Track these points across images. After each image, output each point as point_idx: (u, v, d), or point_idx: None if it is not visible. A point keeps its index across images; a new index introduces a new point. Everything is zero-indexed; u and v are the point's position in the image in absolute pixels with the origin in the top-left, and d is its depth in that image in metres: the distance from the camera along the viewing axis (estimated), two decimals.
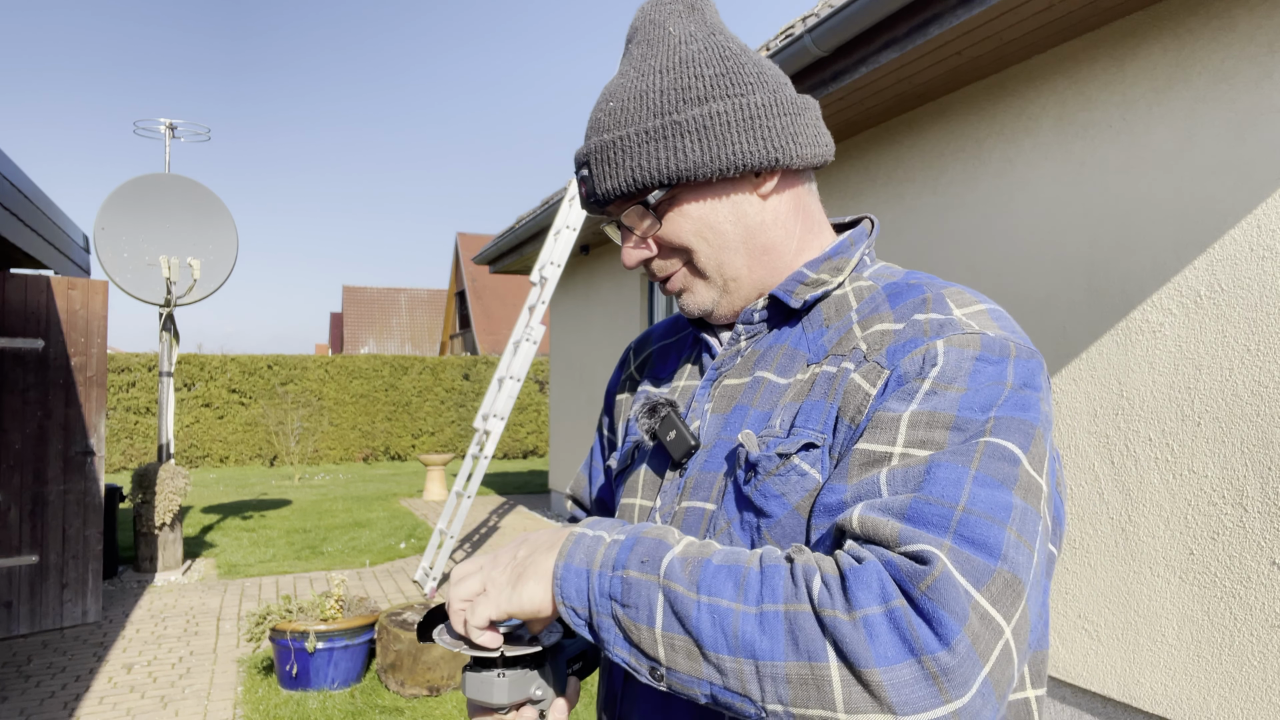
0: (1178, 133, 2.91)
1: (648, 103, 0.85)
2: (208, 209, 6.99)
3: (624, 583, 0.69)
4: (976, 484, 0.66)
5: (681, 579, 0.67)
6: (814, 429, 0.78)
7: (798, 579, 0.64)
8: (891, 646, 0.59)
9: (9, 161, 4.59)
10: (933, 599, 0.60)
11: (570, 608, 0.71)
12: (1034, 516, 0.67)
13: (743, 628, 0.63)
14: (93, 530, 5.33)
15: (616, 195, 0.86)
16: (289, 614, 4.08)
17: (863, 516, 0.67)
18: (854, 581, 0.62)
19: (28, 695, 4.04)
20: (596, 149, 0.87)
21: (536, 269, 6.30)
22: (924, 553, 0.62)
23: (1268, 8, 2.65)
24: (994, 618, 0.61)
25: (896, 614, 0.60)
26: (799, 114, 0.88)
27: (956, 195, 3.85)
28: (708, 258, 0.87)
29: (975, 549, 0.63)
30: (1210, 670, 2.78)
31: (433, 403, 16.57)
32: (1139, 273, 3.03)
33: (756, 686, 0.63)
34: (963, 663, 0.59)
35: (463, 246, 28.10)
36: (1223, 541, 2.75)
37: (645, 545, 0.71)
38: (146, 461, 11.61)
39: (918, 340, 0.76)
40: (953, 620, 0.59)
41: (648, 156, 0.84)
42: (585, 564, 0.72)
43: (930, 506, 0.65)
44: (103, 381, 5.42)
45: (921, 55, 3.42)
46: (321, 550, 7.40)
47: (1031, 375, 0.75)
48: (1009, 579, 0.62)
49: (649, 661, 0.68)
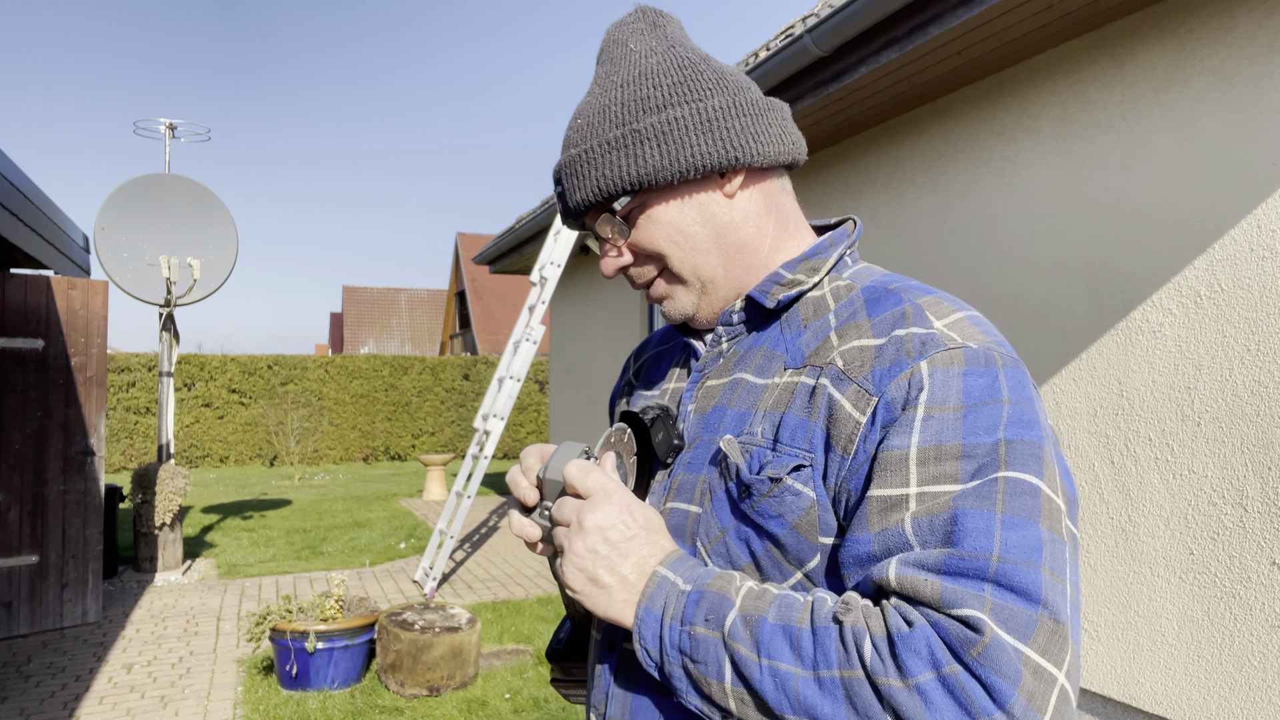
0: (1178, 133, 2.91)
1: (609, 115, 0.88)
2: (208, 209, 6.99)
3: (692, 639, 0.73)
4: (1005, 528, 0.67)
5: (744, 640, 0.70)
6: (800, 448, 0.79)
7: (848, 644, 0.67)
8: (949, 712, 0.62)
9: (9, 161, 4.59)
10: (985, 665, 0.62)
11: (645, 649, 0.75)
12: (1060, 544, 0.69)
13: (804, 691, 0.67)
14: (93, 530, 5.33)
15: (587, 206, 0.89)
16: (289, 614, 4.08)
17: (900, 576, 0.68)
18: (903, 648, 0.64)
19: (28, 695, 4.04)
20: (566, 164, 0.90)
21: (536, 269, 6.30)
22: (971, 619, 0.64)
23: (1268, 8, 2.65)
24: (1046, 670, 0.63)
25: (950, 680, 0.62)
26: (761, 115, 0.89)
27: (957, 195, 3.85)
28: (681, 261, 0.89)
29: (1016, 598, 0.65)
30: (1210, 670, 2.78)
31: (433, 403, 16.57)
32: (1139, 273, 3.03)
33: None
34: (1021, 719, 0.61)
35: (463, 246, 28.10)
36: (1223, 541, 2.75)
37: (710, 600, 0.74)
38: (146, 461, 11.60)
39: (902, 363, 0.76)
40: (1006, 685, 0.62)
41: (610, 165, 0.86)
42: (660, 610, 0.75)
43: (964, 562, 0.66)
44: (103, 381, 5.42)
45: (921, 55, 3.42)
46: (321, 550, 7.40)
47: (1021, 385, 0.76)
48: (1052, 627, 0.65)
49: (720, 711, 0.72)
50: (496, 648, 4.70)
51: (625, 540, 0.78)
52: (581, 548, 0.77)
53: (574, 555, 0.78)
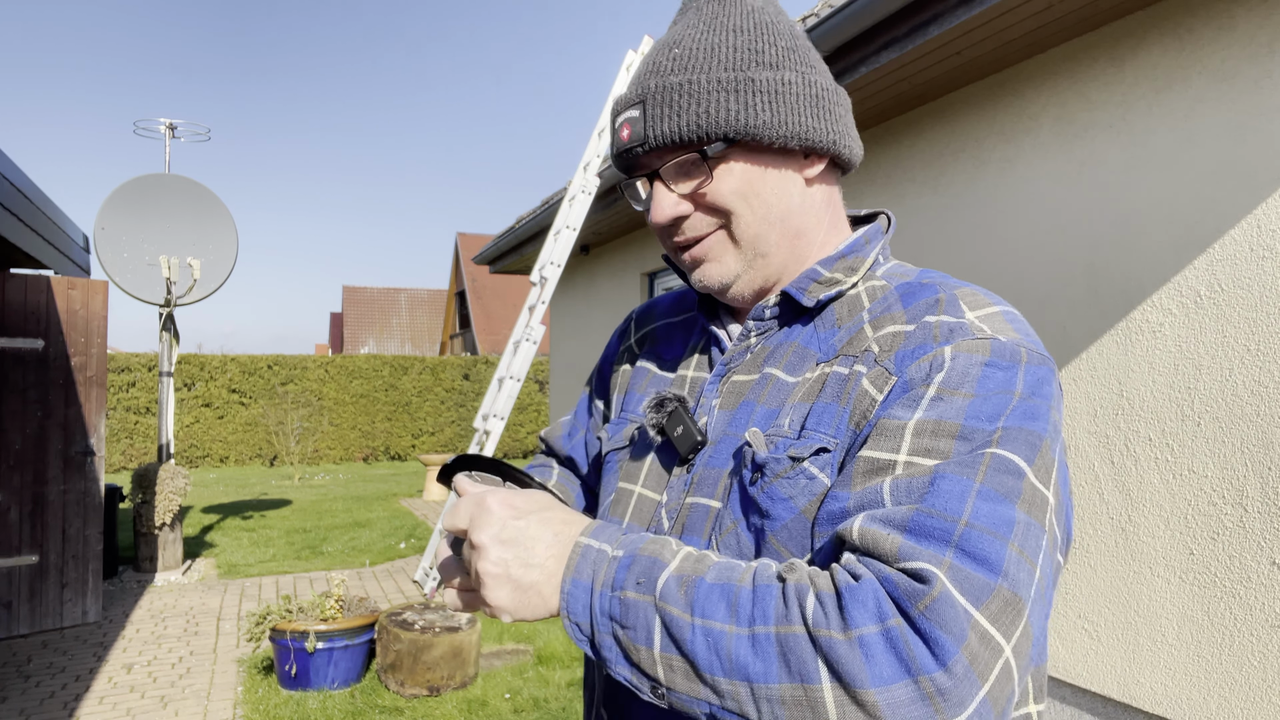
0: (1178, 133, 2.91)
1: (721, 55, 0.83)
2: (208, 209, 6.99)
3: (622, 604, 0.68)
4: (980, 498, 0.65)
5: (677, 600, 0.66)
6: (826, 433, 0.77)
7: (789, 600, 0.64)
8: (888, 666, 0.59)
9: (9, 161, 4.59)
10: (930, 619, 0.59)
11: (575, 623, 0.70)
12: (1037, 530, 0.66)
13: (736, 650, 0.63)
14: (93, 530, 5.33)
15: (672, 140, 0.82)
16: (289, 614, 4.08)
17: (863, 529, 0.66)
18: (850, 600, 0.61)
19: (28, 695, 4.04)
20: (657, 89, 0.83)
21: (536, 269, 6.30)
22: (923, 571, 0.61)
23: (1267, 8, 2.65)
24: (993, 637, 0.60)
25: (893, 633, 0.59)
26: (849, 110, 0.89)
27: (956, 195, 3.85)
28: (747, 225, 0.84)
29: (976, 565, 0.62)
30: (1210, 670, 2.78)
31: (433, 403, 16.57)
32: (1139, 273, 3.04)
33: (753, 708, 0.63)
34: (960, 683, 0.58)
35: (463, 246, 28.09)
36: (1223, 541, 2.75)
37: (641, 564, 0.69)
38: (146, 461, 11.60)
39: (926, 345, 0.75)
40: (950, 641, 0.59)
41: (717, 105, 0.81)
42: (589, 580, 0.70)
43: (932, 520, 0.64)
44: (103, 381, 5.42)
45: (921, 55, 3.42)
46: (321, 550, 7.40)
47: (1041, 383, 0.74)
48: (1009, 597, 0.62)
49: (649, 681, 0.67)
50: (496, 648, 4.70)
51: (522, 531, 0.73)
52: (489, 564, 0.72)
53: (486, 576, 0.72)
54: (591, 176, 6.37)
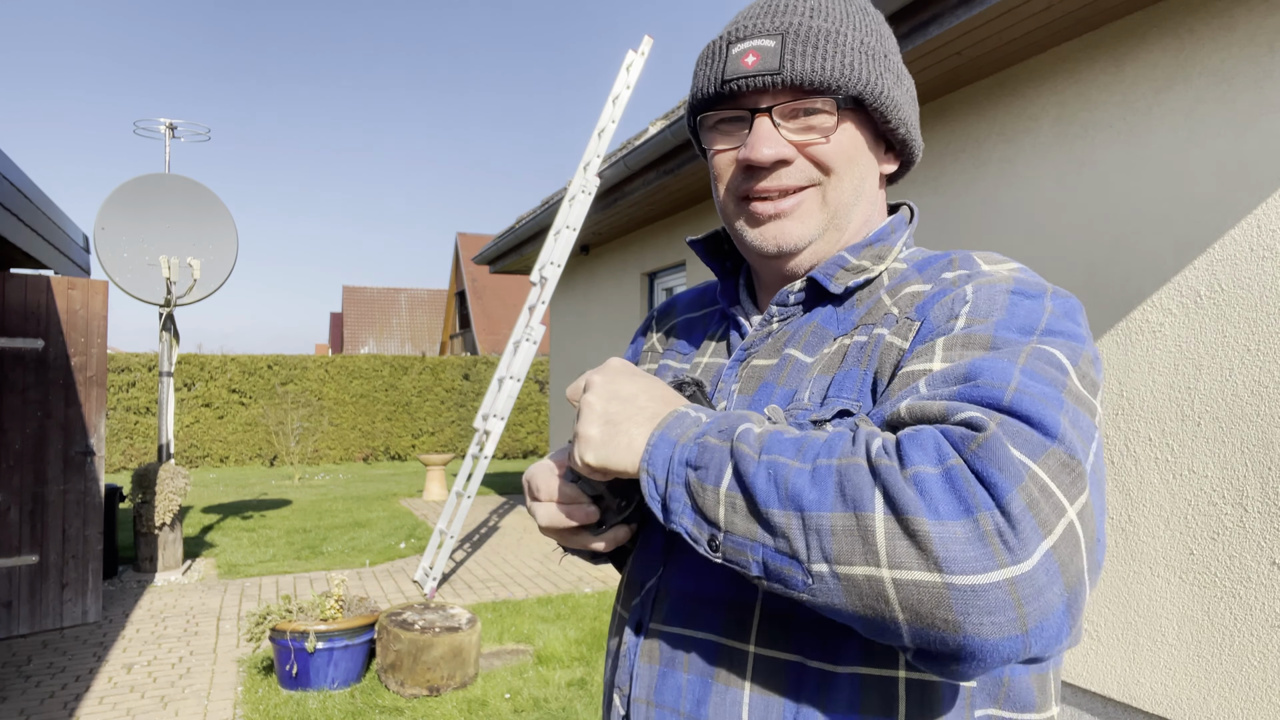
0: (1178, 133, 2.91)
1: (857, 22, 0.84)
2: (208, 209, 6.99)
3: (701, 447, 0.69)
4: (1025, 375, 0.63)
5: (751, 443, 0.67)
6: (849, 397, 0.77)
7: (858, 440, 0.64)
8: (944, 502, 0.57)
9: (9, 161, 4.59)
10: (984, 458, 0.57)
11: (651, 476, 0.71)
12: (1088, 424, 0.63)
13: (794, 480, 0.63)
14: (93, 530, 5.33)
15: (812, 81, 0.79)
16: (289, 614, 4.08)
17: (910, 405, 0.66)
18: (909, 444, 0.61)
19: (28, 695, 4.04)
20: (802, 28, 0.80)
21: (536, 269, 6.30)
22: (975, 419, 0.60)
23: (1267, 8, 2.65)
24: (1054, 491, 0.57)
25: (953, 472, 0.58)
26: None
27: (956, 195, 3.85)
28: (843, 190, 0.84)
29: (1028, 426, 0.59)
30: (1210, 670, 2.78)
31: (433, 403, 16.57)
32: (1139, 273, 3.04)
33: (803, 542, 0.61)
34: (1019, 526, 0.55)
35: (463, 246, 28.09)
36: (1223, 541, 2.75)
37: (729, 419, 0.71)
38: (146, 461, 11.60)
39: (946, 290, 0.76)
40: (1006, 479, 0.56)
41: (861, 62, 0.81)
42: (676, 436, 0.72)
43: (978, 389, 0.63)
44: (103, 381, 5.42)
45: (921, 55, 3.42)
46: (321, 550, 7.40)
47: (1073, 310, 0.73)
48: (1065, 459, 0.58)
49: (709, 528, 0.67)
50: (496, 648, 4.70)
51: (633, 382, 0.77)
52: (592, 396, 0.75)
53: (586, 407, 0.75)
54: (591, 176, 6.37)
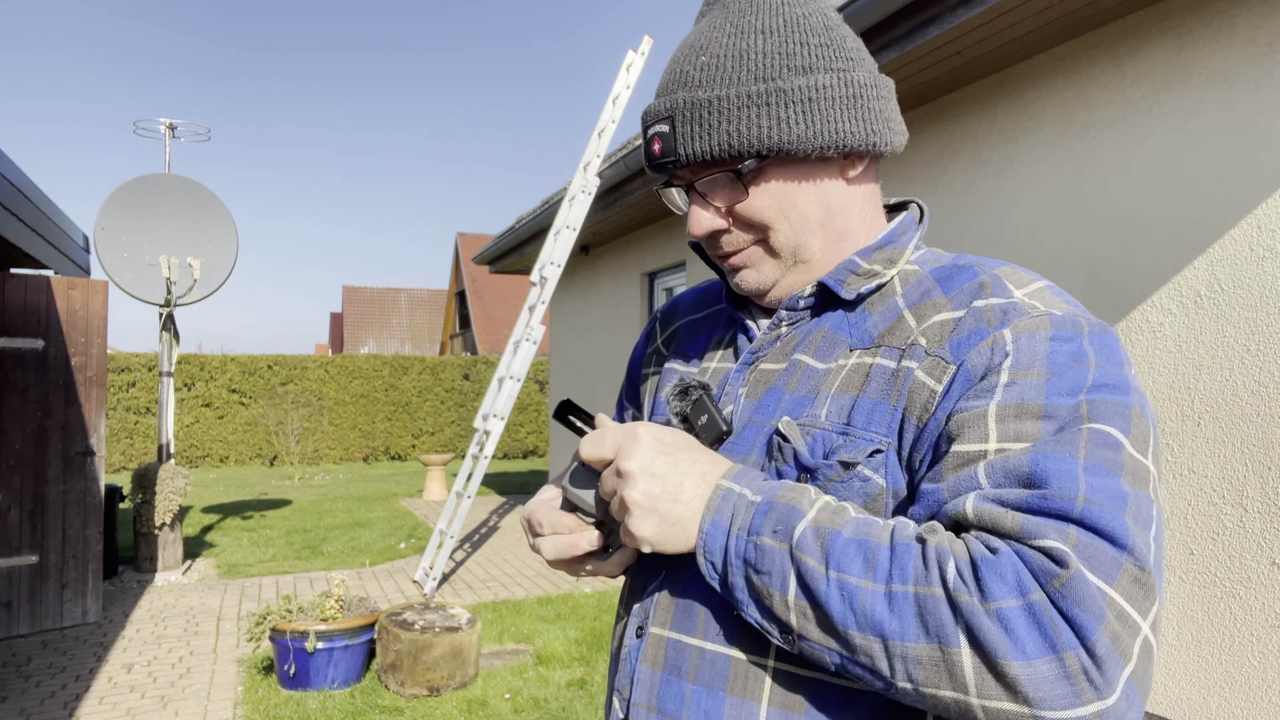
0: (1178, 133, 2.91)
1: (750, 64, 0.78)
2: (208, 209, 6.99)
3: (758, 549, 0.68)
4: (1088, 473, 0.63)
5: (812, 551, 0.66)
6: (877, 432, 0.75)
7: (930, 562, 0.63)
8: (1030, 641, 0.58)
9: (9, 161, 4.59)
10: (1069, 597, 0.58)
11: (710, 562, 0.71)
12: (1146, 502, 0.64)
13: (871, 606, 0.63)
14: (93, 530, 5.33)
15: (704, 159, 0.79)
16: (289, 614, 4.08)
17: (978, 509, 0.64)
18: (988, 572, 0.60)
19: (28, 695, 4.04)
20: (687, 105, 0.79)
21: (536, 269, 6.30)
22: (1055, 550, 0.60)
23: (1267, 8, 2.65)
24: (1130, 615, 0.59)
25: (1036, 609, 0.58)
26: (890, 97, 0.84)
27: (957, 195, 3.85)
28: (786, 238, 0.83)
29: (1100, 539, 0.60)
30: (1210, 670, 2.78)
31: (433, 403, 16.57)
32: (1139, 273, 3.04)
33: (886, 664, 0.62)
34: (1105, 661, 0.57)
35: (463, 246, 28.10)
36: (1223, 541, 2.75)
37: (779, 511, 0.69)
38: (146, 461, 11.60)
39: (982, 332, 0.72)
40: (1090, 619, 0.57)
41: (748, 122, 0.77)
42: (728, 522, 0.71)
43: (1048, 501, 0.62)
44: (103, 381, 5.42)
45: (921, 55, 3.42)
46: (321, 550, 7.40)
47: (1110, 349, 0.71)
48: (1136, 573, 0.60)
49: (780, 625, 0.68)
50: (496, 648, 4.70)
51: (672, 466, 0.74)
52: (637, 494, 0.73)
53: (633, 505, 0.73)
54: (591, 176, 6.37)
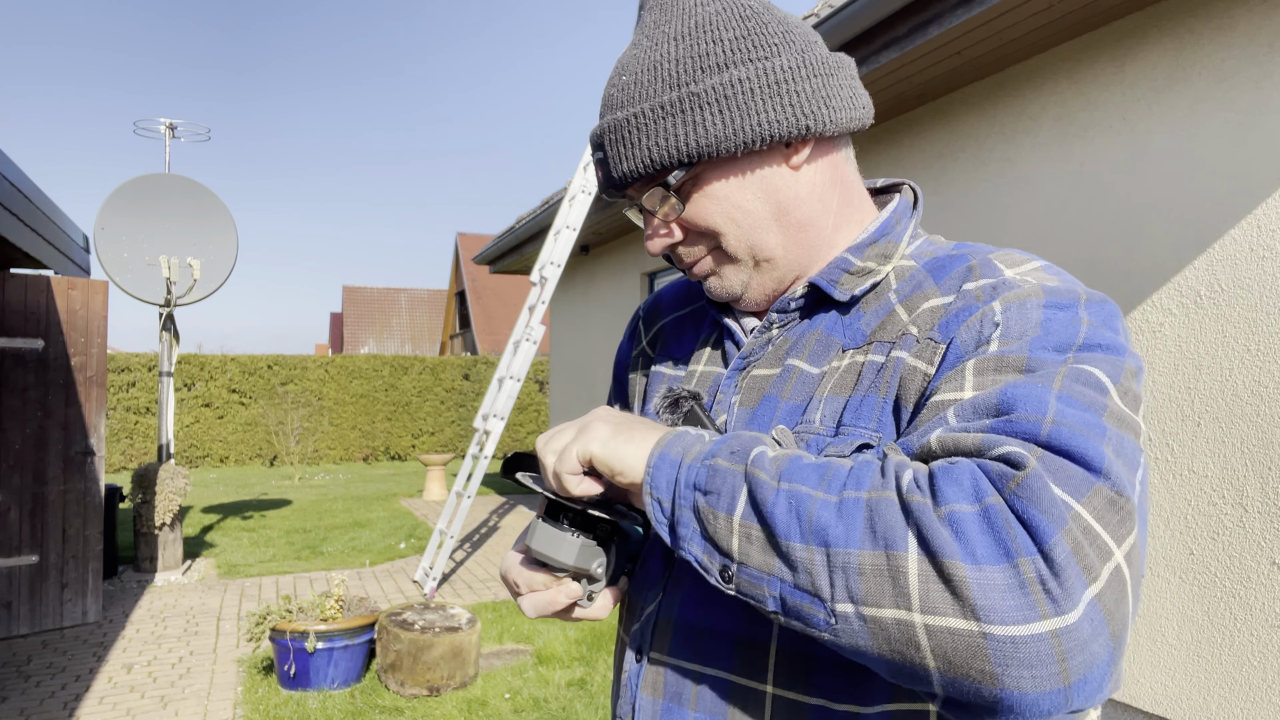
0: (1178, 133, 2.91)
1: (662, 74, 0.78)
2: (208, 209, 6.99)
3: (710, 470, 0.65)
4: (1062, 402, 0.59)
5: (767, 469, 0.63)
6: (867, 427, 0.72)
7: (887, 471, 0.60)
8: (982, 545, 0.53)
9: (9, 161, 4.59)
10: (1024, 497, 0.53)
11: (656, 499, 0.68)
12: (1133, 447, 0.59)
13: (819, 513, 0.59)
14: (93, 530, 5.33)
15: (635, 177, 0.79)
16: (289, 614, 4.08)
17: (941, 436, 0.61)
18: (943, 478, 0.57)
19: (28, 695, 4.04)
20: (610, 128, 0.80)
21: (536, 269, 6.30)
22: (1013, 455, 0.56)
23: (1267, 8, 2.65)
24: (1099, 533, 0.53)
25: (990, 511, 0.54)
26: (831, 74, 0.80)
27: (957, 195, 3.85)
28: (738, 240, 0.80)
29: (1070, 462, 0.55)
30: (1210, 670, 2.78)
31: (433, 403, 16.57)
32: (1139, 273, 3.04)
33: (826, 580, 0.58)
34: (1062, 573, 0.51)
35: (463, 246, 28.10)
36: (1223, 541, 2.75)
37: (740, 440, 0.67)
38: (146, 461, 11.60)
39: (971, 308, 0.70)
40: (1048, 522, 0.52)
41: (664, 134, 0.77)
42: (679, 456, 0.68)
43: (1013, 424, 0.58)
44: (103, 381, 5.42)
45: (921, 55, 3.42)
46: (321, 550, 7.40)
47: (1110, 316, 0.68)
48: (1111, 496, 0.54)
49: (721, 558, 0.63)
50: (496, 648, 4.70)
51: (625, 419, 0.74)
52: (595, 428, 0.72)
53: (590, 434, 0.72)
54: (591, 176, 6.37)
